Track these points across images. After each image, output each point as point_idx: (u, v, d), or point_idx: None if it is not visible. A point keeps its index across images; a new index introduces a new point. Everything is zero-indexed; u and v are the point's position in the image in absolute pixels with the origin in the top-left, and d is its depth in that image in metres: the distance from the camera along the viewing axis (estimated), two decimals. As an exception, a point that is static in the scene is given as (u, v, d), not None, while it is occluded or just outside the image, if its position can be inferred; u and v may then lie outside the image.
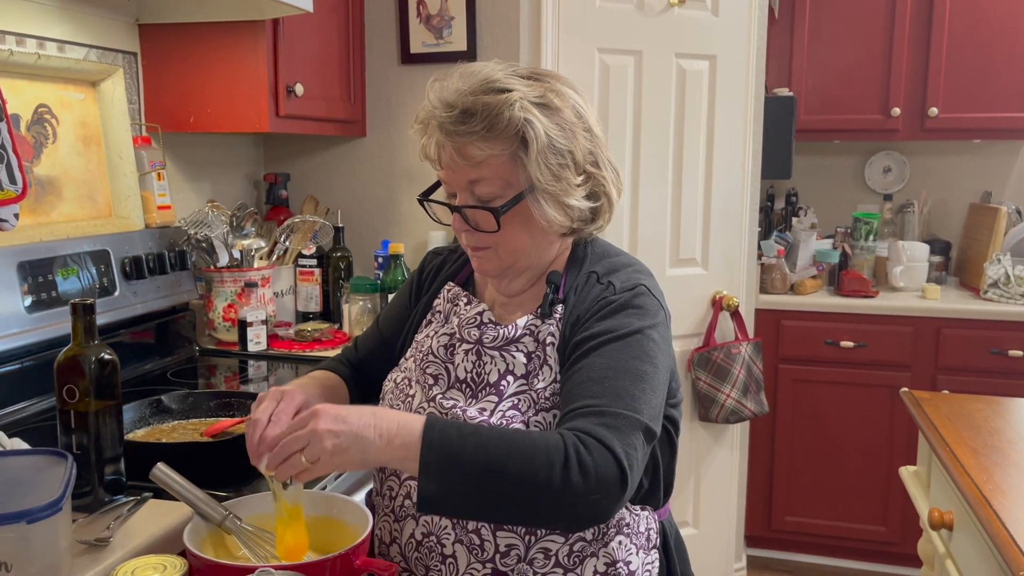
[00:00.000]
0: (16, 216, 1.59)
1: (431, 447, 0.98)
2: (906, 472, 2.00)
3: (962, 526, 1.54)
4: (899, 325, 3.07)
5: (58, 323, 1.72)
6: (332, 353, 2.25)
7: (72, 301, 1.20)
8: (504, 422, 1.13)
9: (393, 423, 1.00)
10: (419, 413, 1.18)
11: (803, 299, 3.18)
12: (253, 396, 1.71)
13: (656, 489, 1.22)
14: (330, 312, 2.55)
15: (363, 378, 1.39)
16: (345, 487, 1.56)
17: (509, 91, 1.12)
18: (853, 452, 3.16)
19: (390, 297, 2.35)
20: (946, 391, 2.74)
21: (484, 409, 1.15)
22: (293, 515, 1.08)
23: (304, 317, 2.52)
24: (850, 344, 3.10)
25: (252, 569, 0.94)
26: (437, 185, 1.24)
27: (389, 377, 1.31)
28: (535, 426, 1.13)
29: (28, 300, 1.69)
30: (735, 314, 2.88)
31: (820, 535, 3.25)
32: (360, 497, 1.53)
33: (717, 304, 2.86)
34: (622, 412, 1.04)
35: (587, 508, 0.98)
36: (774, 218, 3.64)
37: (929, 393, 1.99)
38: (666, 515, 1.27)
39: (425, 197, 1.24)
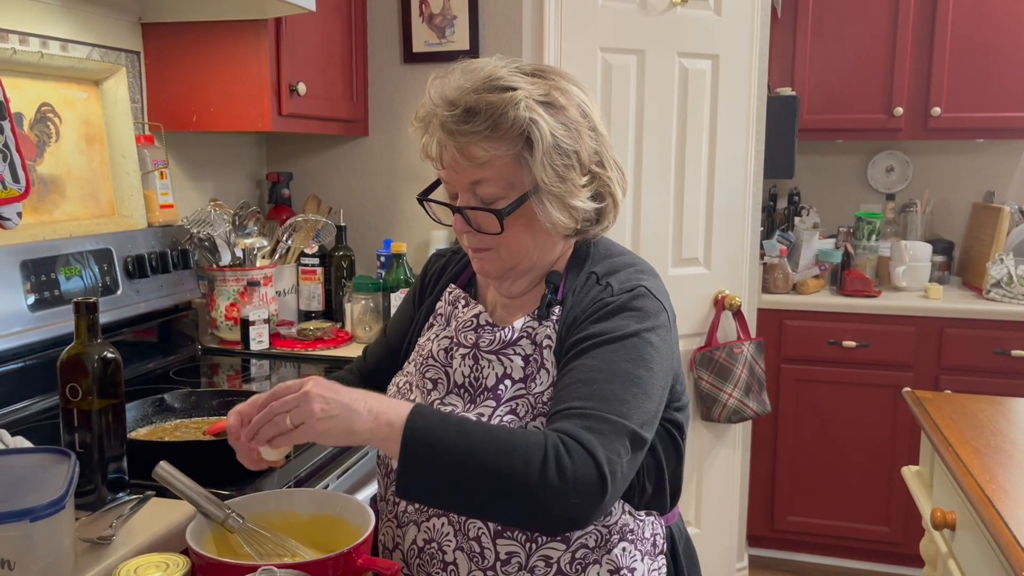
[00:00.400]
0: (19, 215, 1.59)
1: (414, 430, 0.97)
2: (908, 472, 2.00)
3: (965, 526, 1.54)
4: (902, 325, 3.07)
5: (61, 322, 1.73)
6: (334, 352, 2.26)
7: (75, 300, 1.20)
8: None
9: (384, 403, 1.01)
10: None
11: (805, 299, 3.18)
12: (255, 395, 1.71)
13: (661, 494, 1.19)
14: (332, 311, 2.55)
15: (372, 386, 1.35)
16: (347, 486, 1.56)
17: (513, 89, 1.09)
18: (855, 452, 3.16)
19: (392, 296, 2.35)
20: (949, 391, 2.74)
21: (482, 415, 1.14)
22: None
23: (306, 316, 2.52)
24: (852, 344, 3.10)
25: (255, 567, 0.94)
26: (437, 184, 1.21)
27: (392, 381, 1.30)
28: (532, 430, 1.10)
29: (31, 299, 1.70)
30: (737, 314, 2.88)
31: (822, 535, 3.24)
32: (362, 496, 1.53)
33: (719, 304, 2.86)
34: (608, 417, 1.01)
35: (562, 510, 0.96)
36: (776, 217, 3.64)
37: (932, 393, 1.98)
38: (675, 519, 1.25)
39: (424, 197, 1.21)
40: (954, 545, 1.62)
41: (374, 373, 1.39)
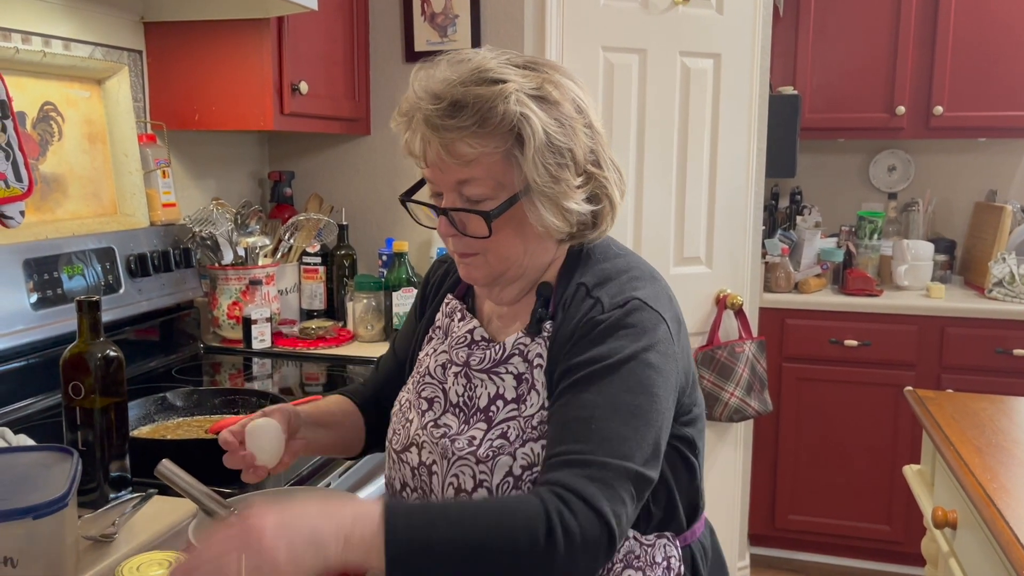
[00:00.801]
0: (22, 213, 1.60)
1: (396, 538, 0.86)
2: (910, 471, 2.00)
3: (966, 525, 1.54)
4: (903, 324, 3.06)
5: (63, 320, 1.73)
6: (336, 351, 2.27)
7: (78, 298, 1.21)
8: (491, 453, 1.05)
9: (347, 516, 0.87)
10: (415, 441, 1.13)
11: (807, 298, 3.18)
12: (257, 393, 1.72)
13: (673, 516, 1.13)
14: (334, 310, 2.55)
15: (382, 401, 1.30)
16: (349, 484, 1.56)
17: (503, 82, 1.01)
18: (857, 451, 3.16)
19: (394, 295, 2.35)
20: (950, 390, 2.74)
21: (474, 438, 1.08)
22: None
23: (308, 315, 2.53)
24: (854, 343, 3.10)
25: (256, 565, 0.94)
26: (421, 184, 1.14)
27: (398, 397, 1.24)
28: (522, 458, 1.04)
29: (34, 297, 1.70)
30: (739, 313, 2.88)
31: (824, 534, 3.24)
32: (364, 494, 1.53)
33: (721, 303, 2.86)
34: (609, 462, 0.94)
35: (569, 571, 0.91)
36: (778, 217, 3.64)
37: (933, 392, 1.98)
38: (696, 536, 1.18)
39: (407, 197, 1.13)
40: (955, 544, 1.62)
41: (384, 386, 1.33)
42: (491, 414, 1.09)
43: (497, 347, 1.12)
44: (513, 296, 1.15)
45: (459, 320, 1.19)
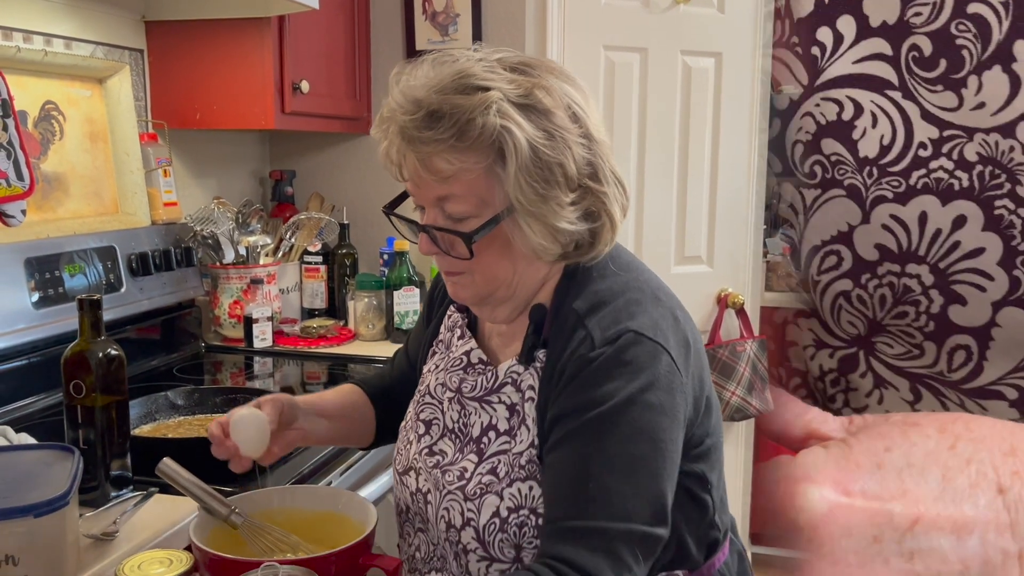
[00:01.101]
0: (23, 212, 1.60)
1: None
2: (911, 470, 1.99)
3: (967, 524, 1.54)
4: (905, 323, 3.06)
5: (65, 319, 1.73)
6: (337, 350, 2.27)
7: (79, 297, 1.21)
8: (479, 491, 1.01)
9: None
10: (413, 466, 1.11)
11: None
12: (259, 392, 1.72)
13: (683, 556, 1.04)
14: (335, 309, 2.55)
15: (392, 396, 1.27)
16: (350, 483, 1.56)
17: (486, 90, 0.92)
18: (858, 450, 3.15)
19: (395, 294, 2.35)
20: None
21: (465, 470, 1.03)
22: None
23: (309, 314, 2.53)
24: (855, 342, 3.10)
25: (258, 563, 0.94)
26: (406, 195, 1.06)
27: (406, 412, 1.19)
28: (510, 498, 0.99)
29: (35, 296, 1.70)
30: (740, 312, 2.87)
31: (825, 533, 3.24)
32: (365, 493, 1.53)
33: (722, 302, 2.86)
34: (611, 527, 0.89)
35: None
36: (780, 216, 3.64)
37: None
38: (717, 567, 1.09)
39: (391, 210, 1.07)
40: (956, 543, 1.62)
41: (396, 383, 1.28)
42: (483, 445, 1.04)
43: (490, 374, 1.06)
44: (506, 315, 1.08)
45: (458, 338, 1.14)
